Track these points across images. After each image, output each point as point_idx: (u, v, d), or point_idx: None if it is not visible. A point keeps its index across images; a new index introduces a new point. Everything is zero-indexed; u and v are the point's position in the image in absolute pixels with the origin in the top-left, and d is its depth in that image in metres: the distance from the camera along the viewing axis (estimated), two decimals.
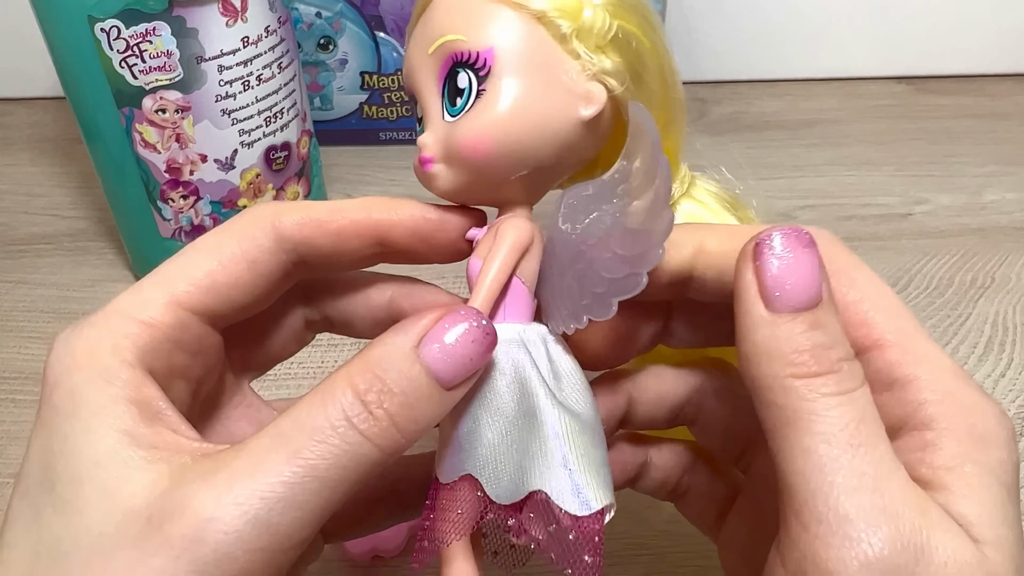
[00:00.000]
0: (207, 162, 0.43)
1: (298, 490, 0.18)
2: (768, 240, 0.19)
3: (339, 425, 0.18)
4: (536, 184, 0.24)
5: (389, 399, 0.19)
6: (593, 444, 0.21)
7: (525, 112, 0.22)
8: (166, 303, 0.21)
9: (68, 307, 0.49)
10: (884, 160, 0.60)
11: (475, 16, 0.22)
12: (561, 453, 0.21)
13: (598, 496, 0.21)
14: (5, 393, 0.43)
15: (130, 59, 0.39)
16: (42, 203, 0.58)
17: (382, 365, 0.19)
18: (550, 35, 0.22)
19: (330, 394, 0.19)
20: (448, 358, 0.20)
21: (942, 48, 0.69)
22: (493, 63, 0.22)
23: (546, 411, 0.21)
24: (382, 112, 0.61)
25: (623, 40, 0.23)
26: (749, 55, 0.70)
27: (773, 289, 0.19)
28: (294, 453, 0.18)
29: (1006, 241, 0.52)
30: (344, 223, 0.23)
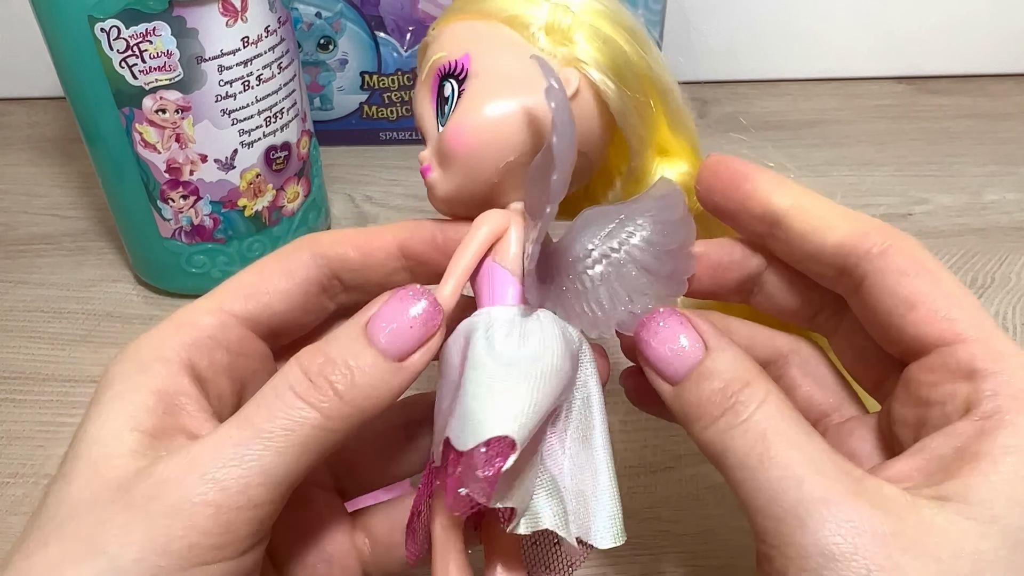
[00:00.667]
0: (207, 162, 0.43)
1: (243, 451, 0.20)
2: (643, 329, 0.23)
3: (283, 393, 0.21)
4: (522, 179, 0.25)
5: (331, 368, 0.21)
6: (504, 381, 0.21)
7: (499, 99, 0.23)
8: (210, 309, 0.24)
9: (68, 307, 0.49)
10: (884, 160, 0.60)
11: (454, 35, 0.25)
12: (465, 393, 0.21)
13: (471, 432, 0.20)
14: (5, 393, 0.43)
15: (130, 59, 0.39)
16: (42, 203, 0.58)
17: (328, 341, 0.22)
18: (521, 36, 0.24)
19: (281, 371, 0.21)
20: (392, 331, 0.22)
21: (942, 48, 0.69)
22: (470, 66, 0.24)
23: (469, 358, 0.22)
24: (382, 112, 0.61)
25: (591, 32, 0.24)
26: (749, 55, 0.70)
27: (661, 366, 0.22)
28: (242, 419, 0.20)
29: (1006, 241, 0.52)
30: (372, 239, 0.26)
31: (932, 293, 0.22)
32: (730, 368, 0.22)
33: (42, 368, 0.44)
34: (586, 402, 0.24)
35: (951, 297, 0.22)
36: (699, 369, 0.22)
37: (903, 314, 0.22)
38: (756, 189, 0.24)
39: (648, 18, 0.58)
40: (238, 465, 0.20)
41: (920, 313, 0.21)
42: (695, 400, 0.22)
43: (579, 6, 0.24)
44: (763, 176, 0.24)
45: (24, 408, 0.42)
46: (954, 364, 0.21)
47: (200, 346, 0.23)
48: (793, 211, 0.24)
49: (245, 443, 0.20)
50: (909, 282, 0.22)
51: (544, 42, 0.24)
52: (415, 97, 0.26)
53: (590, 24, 0.24)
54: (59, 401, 0.42)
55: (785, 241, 0.24)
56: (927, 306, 0.21)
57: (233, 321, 0.24)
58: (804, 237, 0.23)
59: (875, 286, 0.22)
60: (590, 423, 0.24)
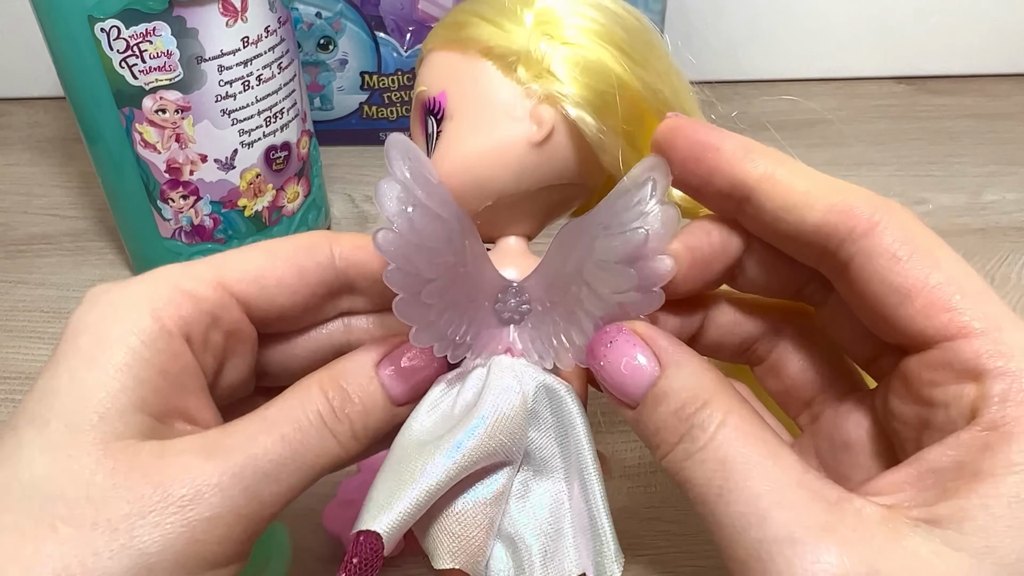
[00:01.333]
0: (207, 162, 0.43)
1: (282, 469, 0.20)
2: (590, 354, 0.21)
3: (315, 421, 0.21)
4: (521, 214, 0.24)
5: (351, 406, 0.22)
6: (395, 473, 0.21)
7: (474, 143, 0.23)
8: (212, 282, 0.22)
9: (68, 307, 0.48)
10: (884, 160, 0.60)
11: (436, 66, 0.24)
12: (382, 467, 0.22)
13: (360, 518, 0.21)
14: (5, 393, 0.43)
15: (130, 59, 0.39)
16: (42, 203, 0.58)
17: (346, 377, 0.22)
18: (497, 68, 0.23)
19: (306, 394, 0.22)
20: (400, 378, 0.22)
21: (942, 48, 0.69)
22: (446, 105, 0.23)
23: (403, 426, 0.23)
24: (382, 112, 0.61)
25: (572, 62, 0.23)
26: (749, 55, 0.70)
27: (616, 391, 0.21)
28: (281, 438, 0.20)
29: (1006, 241, 0.52)
30: None
31: (930, 279, 0.19)
32: (686, 387, 0.19)
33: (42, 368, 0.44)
34: (576, 443, 0.23)
35: (952, 282, 0.19)
36: (653, 391, 0.20)
37: (897, 305, 0.19)
38: (721, 160, 0.21)
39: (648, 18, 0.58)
40: (275, 482, 0.20)
41: (917, 304, 0.19)
42: (652, 427, 0.20)
43: (564, 22, 0.23)
44: (728, 143, 0.21)
45: None
46: (958, 363, 0.18)
47: (199, 323, 0.22)
48: (765, 184, 0.20)
49: (284, 463, 0.20)
50: (902, 267, 0.19)
51: (521, 74, 0.23)
52: (411, 121, 0.26)
53: (573, 50, 0.23)
54: None
55: (758, 219, 0.21)
56: (925, 295, 0.19)
57: (233, 303, 0.23)
58: (778, 215, 0.20)
59: (863, 272, 0.19)
60: (584, 461, 0.23)
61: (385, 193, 0.21)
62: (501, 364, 0.23)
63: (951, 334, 0.18)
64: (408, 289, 0.21)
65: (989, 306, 0.19)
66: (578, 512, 0.23)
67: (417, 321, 0.21)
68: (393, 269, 0.20)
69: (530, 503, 0.23)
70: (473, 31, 0.23)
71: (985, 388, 0.18)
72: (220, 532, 0.19)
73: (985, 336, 0.18)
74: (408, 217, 0.21)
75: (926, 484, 0.18)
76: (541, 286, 0.23)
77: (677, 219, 0.22)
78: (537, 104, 0.23)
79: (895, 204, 0.20)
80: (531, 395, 0.23)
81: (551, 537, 0.23)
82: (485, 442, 0.21)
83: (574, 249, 0.22)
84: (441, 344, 0.22)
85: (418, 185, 0.21)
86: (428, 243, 0.21)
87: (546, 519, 0.23)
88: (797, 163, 0.21)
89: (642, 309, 0.22)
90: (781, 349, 0.25)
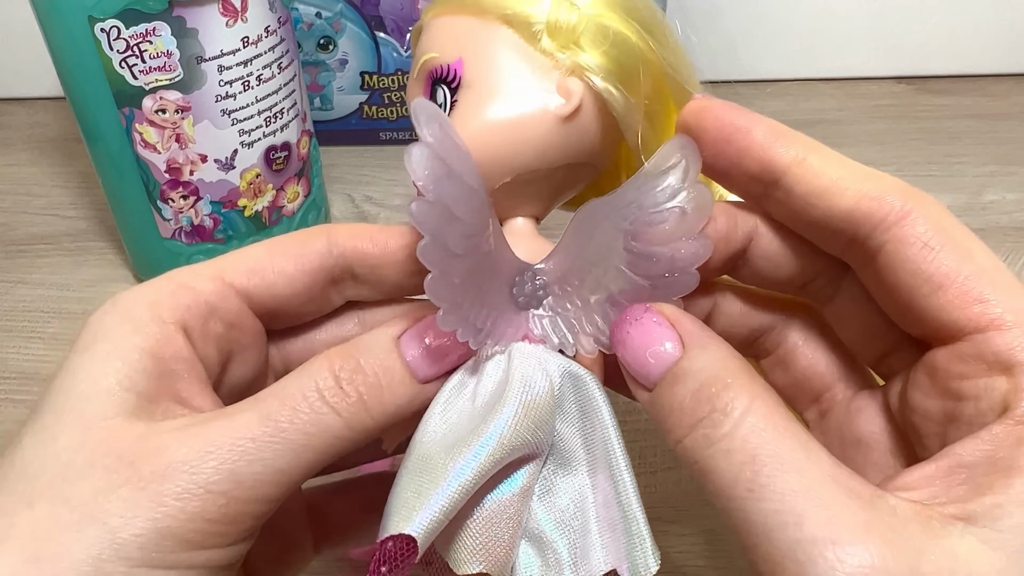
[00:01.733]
0: (207, 162, 0.43)
1: (264, 447, 0.19)
2: (615, 332, 0.20)
3: (309, 395, 0.20)
4: (535, 193, 0.23)
5: (361, 378, 0.20)
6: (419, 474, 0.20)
7: (497, 116, 0.22)
8: (211, 275, 0.23)
9: (68, 307, 0.49)
10: (884, 160, 0.60)
11: (447, 32, 0.23)
12: (401, 467, 0.21)
13: (385, 523, 0.20)
14: (5, 393, 0.43)
15: (130, 59, 0.39)
16: (42, 203, 0.58)
17: (360, 349, 0.21)
18: (521, 36, 0.22)
19: (308, 369, 0.21)
20: (426, 353, 0.21)
21: (942, 48, 0.69)
22: (463, 73, 0.22)
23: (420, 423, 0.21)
24: (382, 112, 0.61)
25: (599, 33, 0.22)
26: (749, 55, 0.70)
27: (635, 370, 0.20)
28: (265, 415, 0.19)
29: (1006, 241, 0.52)
30: (391, 236, 0.24)
31: (962, 270, 0.18)
32: (708, 367, 0.19)
33: (42, 368, 0.44)
34: (603, 432, 0.22)
35: (984, 274, 0.18)
36: (673, 370, 0.19)
37: (928, 295, 0.19)
38: (753, 143, 0.20)
39: None
40: (256, 461, 0.19)
41: (948, 294, 0.18)
42: (668, 406, 0.19)
43: (594, 4, 0.22)
44: (760, 126, 0.21)
45: (24, 408, 0.42)
46: (990, 355, 0.18)
47: (196, 311, 0.22)
48: (797, 169, 0.20)
49: (265, 440, 0.19)
50: (934, 257, 0.18)
51: (547, 43, 0.22)
52: (409, 91, 0.24)
53: (598, 21, 0.22)
54: None
55: (785, 204, 0.21)
56: (957, 286, 0.18)
57: (232, 292, 0.23)
58: (809, 200, 0.20)
59: (893, 260, 0.19)
60: (612, 452, 0.22)
61: (416, 159, 0.19)
62: (523, 352, 0.21)
63: (983, 326, 0.18)
64: (441, 265, 0.19)
65: (1022, 299, 0.18)
66: (605, 506, 0.21)
67: (447, 300, 0.20)
68: (427, 243, 0.19)
69: (554, 499, 0.22)
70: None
71: (1017, 381, 0.18)
72: (192, 510, 0.18)
73: (1018, 329, 0.18)
74: (442, 185, 0.19)
75: (957, 479, 0.17)
76: (560, 270, 0.22)
77: (711, 200, 0.21)
78: (564, 76, 0.22)
79: (927, 195, 0.19)
80: (557, 383, 0.22)
81: (579, 533, 0.21)
82: (515, 434, 0.20)
83: (597, 230, 0.22)
84: (464, 329, 0.20)
85: (449, 152, 0.20)
86: (460, 215, 0.20)
87: (572, 515, 0.22)
88: (828, 150, 0.21)
89: (676, 291, 0.21)
90: (791, 342, 0.24)
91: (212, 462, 0.19)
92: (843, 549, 0.16)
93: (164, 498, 0.18)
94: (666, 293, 0.21)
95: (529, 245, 0.23)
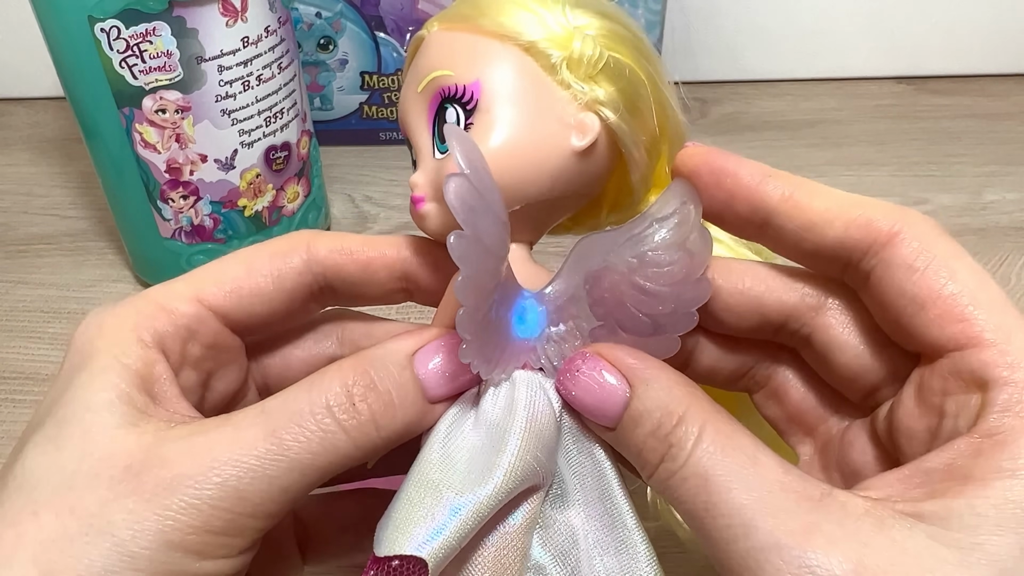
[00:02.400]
0: (207, 162, 0.43)
1: (268, 465, 0.19)
2: (562, 378, 0.21)
3: (318, 412, 0.19)
4: (534, 220, 0.23)
5: (374, 396, 0.20)
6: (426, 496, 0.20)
7: (515, 144, 0.21)
8: (189, 297, 0.22)
9: (68, 307, 0.49)
10: (884, 160, 0.60)
11: (462, 50, 0.22)
12: (404, 486, 0.21)
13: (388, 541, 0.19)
14: (5, 393, 0.43)
15: (130, 59, 0.39)
16: (42, 203, 0.58)
17: (375, 364, 0.20)
18: (539, 66, 0.22)
19: (318, 382, 0.20)
20: (438, 371, 0.21)
21: (942, 48, 0.69)
22: (480, 96, 0.21)
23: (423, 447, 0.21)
24: (382, 112, 0.61)
25: (615, 69, 0.22)
26: (749, 55, 0.70)
27: (592, 415, 0.21)
28: (271, 432, 0.19)
29: (1006, 241, 0.52)
30: (374, 255, 0.24)
31: (945, 289, 0.19)
32: (657, 405, 0.19)
33: (42, 368, 0.44)
34: (596, 457, 0.22)
35: (966, 293, 0.19)
36: (628, 413, 0.20)
37: (913, 314, 0.19)
38: (740, 185, 0.21)
39: (648, 18, 0.58)
40: (259, 479, 0.19)
41: (931, 313, 0.19)
42: (633, 449, 0.20)
43: (599, 30, 0.22)
44: (746, 169, 0.21)
45: (24, 408, 0.42)
46: (967, 371, 0.18)
47: (175, 336, 0.22)
48: (785, 206, 0.21)
49: (269, 459, 0.19)
50: (918, 277, 0.19)
51: (565, 75, 0.22)
52: (405, 101, 0.23)
53: (616, 57, 0.22)
54: None
55: (779, 239, 0.21)
56: (939, 305, 0.19)
57: (210, 315, 0.23)
58: (800, 235, 0.21)
59: (882, 282, 0.20)
60: (604, 478, 0.22)
61: (455, 190, 0.19)
62: (525, 379, 0.22)
63: (963, 343, 0.19)
64: (475, 301, 0.19)
65: (1002, 317, 0.19)
66: (603, 531, 0.22)
67: (471, 334, 0.20)
68: (465, 279, 0.19)
69: (550, 533, 0.22)
70: (512, 20, 0.22)
71: (989, 397, 0.18)
72: (196, 523, 0.18)
73: (995, 347, 0.18)
74: (479, 218, 0.19)
75: (915, 483, 0.18)
76: (560, 299, 0.22)
77: (712, 243, 0.22)
78: (580, 109, 0.22)
79: (915, 214, 0.20)
80: (558, 409, 0.22)
81: (574, 566, 0.22)
82: (524, 463, 0.20)
83: (596, 265, 0.22)
84: (478, 362, 0.20)
85: (484, 184, 0.20)
86: (493, 249, 0.20)
87: (568, 549, 0.22)
88: (813, 183, 0.21)
89: (677, 330, 0.22)
90: (781, 376, 0.24)
91: (216, 479, 0.18)
92: (788, 552, 0.17)
93: (169, 511, 0.18)
94: (672, 330, 0.22)
95: (526, 271, 0.23)
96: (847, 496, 0.18)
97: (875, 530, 0.17)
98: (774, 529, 0.17)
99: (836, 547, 0.17)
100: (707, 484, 0.18)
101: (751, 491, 0.18)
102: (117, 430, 0.19)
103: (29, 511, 0.18)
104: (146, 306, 0.22)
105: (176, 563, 0.18)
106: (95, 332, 0.21)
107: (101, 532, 0.18)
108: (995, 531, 0.16)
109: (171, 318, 0.22)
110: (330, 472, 0.20)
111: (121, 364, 0.20)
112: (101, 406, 0.19)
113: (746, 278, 0.23)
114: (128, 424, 0.19)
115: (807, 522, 0.17)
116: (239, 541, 0.19)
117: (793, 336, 0.23)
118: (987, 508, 0.17)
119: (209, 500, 0.18)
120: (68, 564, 0.18)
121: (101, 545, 0.18)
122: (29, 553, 0.18)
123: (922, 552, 0.16)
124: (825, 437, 0.24)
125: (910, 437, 0.20)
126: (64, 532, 0.18)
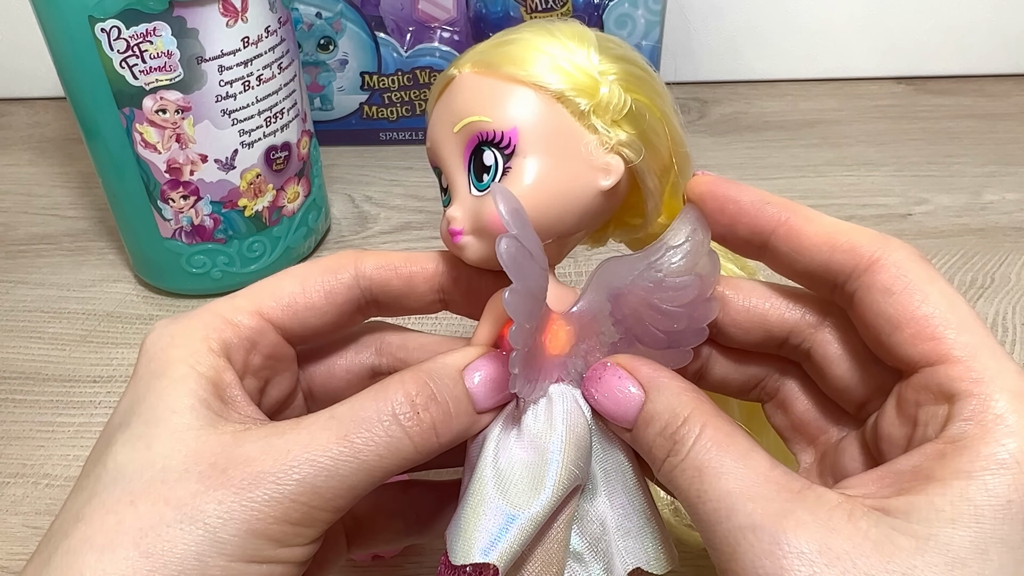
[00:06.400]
0: (207, 162, 0.43)
1: (341, 465, 0.21)
2: (587, 384, 0.24)
3: (385, 419, 0.22)
4: (559, 249, 0.26)
5: (435, 406, 0.23)
6: (495, 505, 0.22)
7: (549, 186, 0.24)
8: (251, 311, 0.25)
9: (68, 307, 0.49)
10: (884, 160, 0.60)
11: (498, 98, 0.24)
12: (466, 496, 0.23)
13: (461, 551, 0.22)
14: (5, 393, 0.43)
15: (130, 59, 0.39)
16: (42, 203, 0.58)
17: (432, 377, 0.23)
18: (569, 112, 0.24)
19: (383, 393, 0.22)
20: (485, 385, 0.24)
21: (942, 48, 0.69)
22: (518, 142, 0.23)
23: (479, 458, 0.24)
24: (382, 112, 0.61)
25: (637, 113, 0.24)
26: (749, 55, 0.70)
27: (612, 417, 0.23)
28: (343, 435, 0.21)
29: (1006, 241, 0.52)
30: (416, 270, 0.27)
31: (919, 311, 0.21)
32: (667, 408, 0.22)
33: (42, 368, 0.45)
34: (618, 457, 0.25)
35: (938, 315, 0.21)
36: (642, 415, 0.23)
37: (889, 333, 0.22)
38: (741, 211, 0.24)
39: (648, 18, 0.58)
40: (333, 477, 0.21)
41: (905, 333, 0.21)
42: (645, 445, 0.23)
43: (619, 74, 0.24)
44: (747, 196, 0.24)
45: (24, 408, 0.42)
46: (936, 385, 0.21)
47: (239, 347, 0.24)
48: (780, 230, 0.24)
49: (342, 460, 0.21)
50: (894, 300, 0.21)
51: (593, 120, 0.24)
52: (438, 137, 0.25)
53: (637, 103, 0.24)
54: (59, 401, 0.42)
55: (776, 260, 0.24)
56: (912, 325, 0.21)
57: (269, 327, 0.25)
58: (792, 257, 0.23)
59: (862, 303, 0.22)
60: (625, 472, 0.25)
61: (506, 250, 0.21)
62: (559, 392, 0.24)
63: (934, 360, 0.21)
64: (526, 344, 0.22)
65: (970, 336, 0.21)
66: (624, 518, 0.25)
67: (520, 368, 0.22)
68: (518, 328, 0.21)
69: (585, 525, 0.25)
70: (544, 71, 0.24)
71: (955, 408, 0.20)
72: (277, 514, 0.20)
73: (962, 363, 0.21)
74: (527, 272, 0.22)
75: (886, 483, 0.20)
76: (587, 317, 0.25)
77: (720, 265, 0.25)
78: (606, 152, 0.24)
79: (895, 242, 0.22)
80: (590, 418, 0.24)
81: (606, 552, 0.25)
82: (568, 472, 0.23)
83: (618, 288, 0.25)
84: (522, 388, 0.23)
85: (529, 240, 0.22)
86: (539, 296, 0.22)
87: (600, 537, 0.25)
88: (807, 209, 0.24)
89: (689, 344, 0.25)
90: (787, 388, 0.27)
91: (296, 475, 0.21)
92: (762, 532, 0.19)
93: (254, 503, 0.20)
94: (685, 344, 0.25)
95: (553, 293, 0.25)
96: (824, 491, 0.20)
97: (844, 520, 0.19)
98: (753, 512, 0.19)
99: (806, 530, 0.19)
100: (701, 474, 0.21)
101: (738, 481, 0.20)
102: (200, 431, 0.21)
103: (127, 500, 0.20)
104: (212, 319, 0.24)
105: (259, 549, 0.20)
106: (168, 342, 0.23)
107: (194, 520, 0.20)
108: (949, 525, 0.18)
109: (236, 330, 0.24)
110: (393, 473, 0.22)
111: (196, 372, 0.23)
112: (184, 409, 0.22)
113: (752, 297, 0.25)
114: (208, 426, 0.22)
115: (784, 508, 0.19)
116: (311, 531, 0.21)
117: (795, 350, 0.26)
118: (944, 504, 0.19)
119: (289, 494, 0.21)
120: (165, 548, 0.20)
121: (194, 532, 0.20)
122: (130, 538, 0.20)
123: (882, 540, 0.18)
124: (825, 446, 0.26)
125: (891, 444, 0.22)
126: (161, 519, 0.20)
